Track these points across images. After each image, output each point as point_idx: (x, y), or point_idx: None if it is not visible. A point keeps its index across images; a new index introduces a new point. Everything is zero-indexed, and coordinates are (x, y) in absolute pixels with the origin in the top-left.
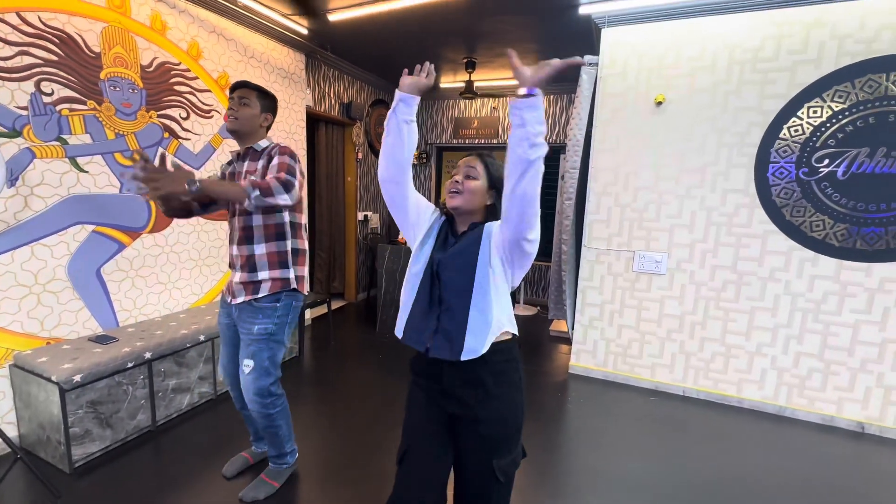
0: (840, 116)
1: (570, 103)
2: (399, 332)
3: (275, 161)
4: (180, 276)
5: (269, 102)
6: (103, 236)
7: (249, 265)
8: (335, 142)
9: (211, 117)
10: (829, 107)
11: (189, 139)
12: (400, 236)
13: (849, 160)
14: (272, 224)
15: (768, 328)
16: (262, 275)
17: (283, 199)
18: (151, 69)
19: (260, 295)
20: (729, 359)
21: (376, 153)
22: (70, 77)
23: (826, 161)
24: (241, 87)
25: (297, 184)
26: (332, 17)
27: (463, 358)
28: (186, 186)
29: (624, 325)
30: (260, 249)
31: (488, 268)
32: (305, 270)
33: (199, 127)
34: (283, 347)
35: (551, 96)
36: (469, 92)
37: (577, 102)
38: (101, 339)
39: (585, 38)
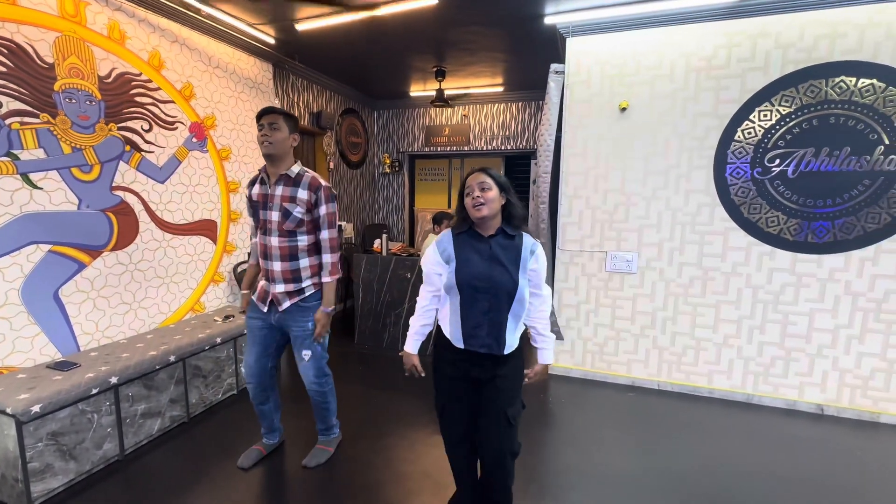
0: (787, 119)
1: (539, 109)
2: (459, 342)
3: (323, 210)
4: (146, 296)
5: (293, 123)
6: (61, 256)
7: (294, 277)
8: (305, 152)
9: (175, 129)
10: (778, 110)
11: (152, 152)
12: (375, 245)
13: (797, 160)
14: (316, 241)
15: (733, 320)
16: (306, 283)
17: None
18: (110, 80)
19: (307, 295)
20: (699, 351)
21: (348, 162)
22: (21, 89)
23: (777, 161)
24: (268, 112)
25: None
26: (300, 27)
27: (506, 352)
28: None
29: (599, 323)
30: (304, 263)
31: (524, 284)
32: None
33: (162, 139)
34: (329, 333)
35: (520, 103)
36: (440, 100)
37: (546, 109)
38: (60, 366)
39: (552, 46)
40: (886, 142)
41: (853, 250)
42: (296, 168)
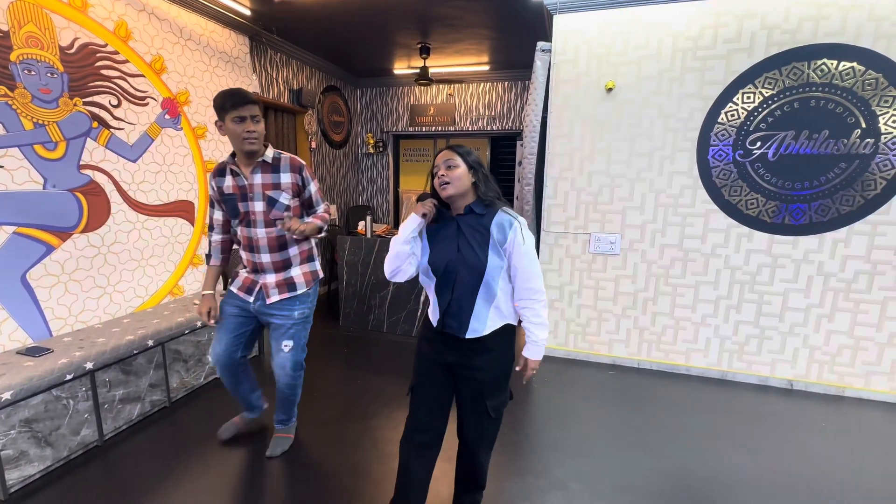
0: (770, 102)
1: (525, 90)
2: (434, 321)
3: (313, 188)
4: (121, 279)
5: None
6: (27, 238)
7: (284, 265)
8: (286, 131)
9: (146, 104)
10: (761, 93)
11: (122, 129)
12: (360, 227)
13: (778, 142)
14: None
15: (711, 300)
16: (295, 272)
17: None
18: (73, 51)
19: (298, 293)
20: (678, 331)
21: (330, 142)
22: None
23: (758, 143)
24: (248, 103)
25: None
26: None
27: (467, 336)
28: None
29: (582, 304)
30: (294, 251)
31: (498, 269)
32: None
33: (132, 115)
34: (310, 325)
35: (506, 83)
36: (424, 78)
37: (532, 89)
38: (32, 352)
39: (539, 24)
40: (863, 125)
41: (827, 232)
42: (270, 152)
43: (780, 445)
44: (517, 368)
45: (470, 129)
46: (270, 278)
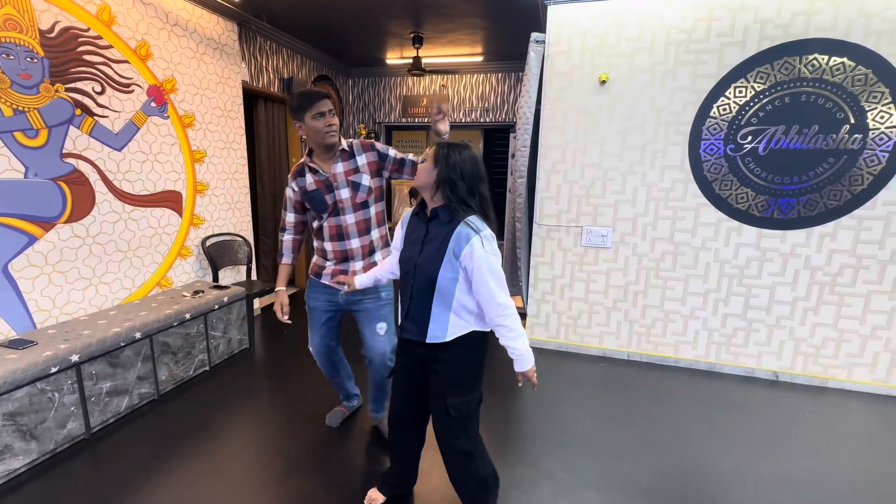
0: (761, 96)
1: (519, 81)
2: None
3: (391, 151)
4: (107, 270)
5: None
6: (8, 228)
7: (370, 251)
8: (276, 120)
9: (131, 92)
10: (753, 87)
11: (107, 116)
12: None
13: (768, 137)
14: (380, 211)
15: (700, 293)
16: (377, 256)
17: None
18: (53, 35)
19: None
20: (667, 323)
21: None
22: None
23: (749, 138)
24: (323, 97)
25: None
26: None
27: (428, 341)
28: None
29: (574, 297)
30: (375, 235)
31: (452, 282)
32: None
33: (117, 103)
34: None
35: (500, 74)
36: (417, 69)
37: (526, 80)
38: (15, 344)
39: (533, 14)
40: (852, 121)
41: (815, 226)
42: (344, 141)
43: (765, 435)
44: (519, 384)
45: (463, 120)
46: (359, 264)
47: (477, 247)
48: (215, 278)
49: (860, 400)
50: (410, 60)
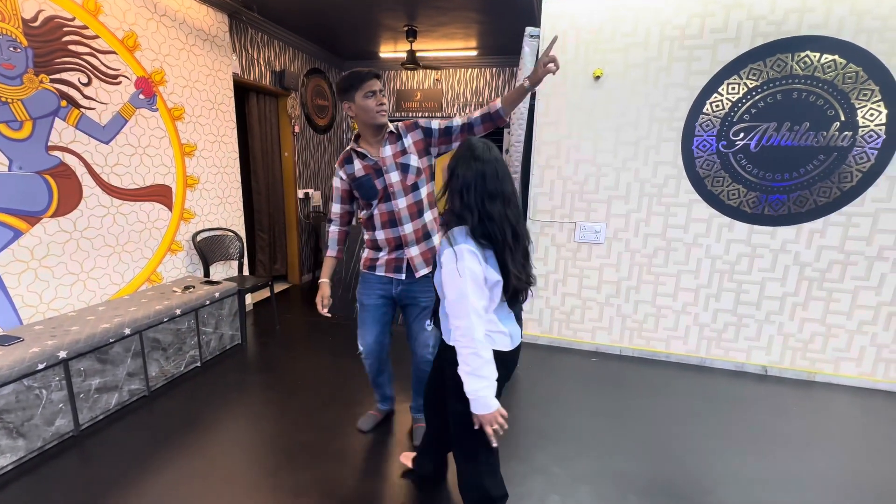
0: (754, 93)
1: (513, 76)
2: None
3: (434, 123)
4: (95, 265)
5: None
6: None
7: (424, 234)
8: (268, 114)
9: (118, 83)
10: (745, 84)
11: (93, 108)
12: None
13: (760, 133)
14: (430, 192)
15: (692, 289)
16: (434, 240)
17: None
18: (37, 24)
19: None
20: (659, 318)
21: (315, 127)
22: None
23: (741, 134)
24: (376, 76)
25: None
26: None
27: (448, 343)
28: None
29: (567, 292)
30: (428, 217)
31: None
32: None
33: (104, 94)
34: None
35: (494, 69)
36: (411, 62)
37: (520, 76)
38: (1, 340)
39: (527, 8)
40: (842, 118)
41: (804, 223)
42: (390, 124)
43: (754, 428)
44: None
45: (458, 115)
46: (415, 250)
47: (446, 262)
48: (206, 274)
49: (846, 393)
50: (404, 54)
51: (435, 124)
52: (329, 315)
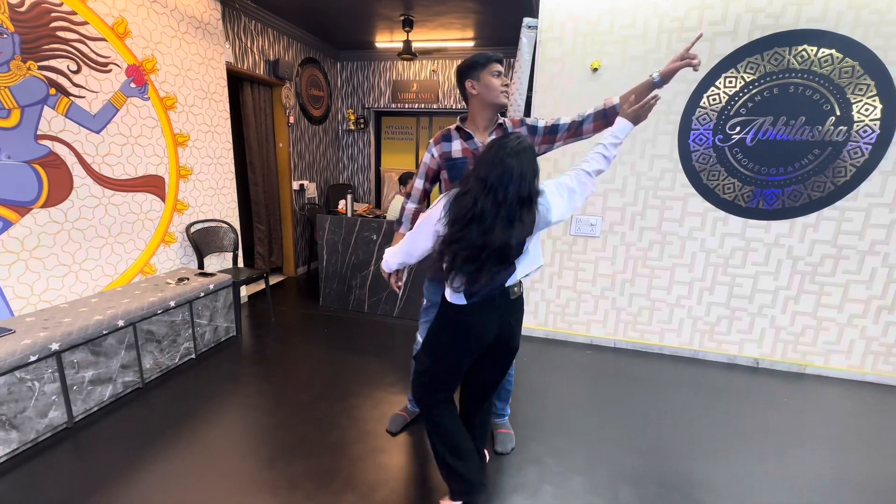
0: (751, 87)
1: (510, 68)
2: None
3: (541, 122)
4: (87, 256)
5: None
6: None
7: None
8: (263, 104)
9: (109, 71)
10: (742, 77)
11: (83, 97)
12: (340, 206)
13: (756, 128)
14: None
15: (686, 282)
16: None
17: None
18: (24, 9)
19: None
20: (653, 312)
21: (309, 117)
22: None
23: (738, 128)
24: (500, 60)
25: None
26: None
27: None
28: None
29: (562, 285)
30: None
31: None
32: None
33: (94, 82)
34: None
35: None
36: (407, 53)
37: (517, 67)
38: None
39: None
40: (838, 113)
41: (798, 217)
42: (501, 118)
43: (745, 420)
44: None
45: (454, 107)
46: None
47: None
48: (200, 265)
49: (836, 386)
50: (401, 44)
51: (541, 122)
52: (399, 287)
